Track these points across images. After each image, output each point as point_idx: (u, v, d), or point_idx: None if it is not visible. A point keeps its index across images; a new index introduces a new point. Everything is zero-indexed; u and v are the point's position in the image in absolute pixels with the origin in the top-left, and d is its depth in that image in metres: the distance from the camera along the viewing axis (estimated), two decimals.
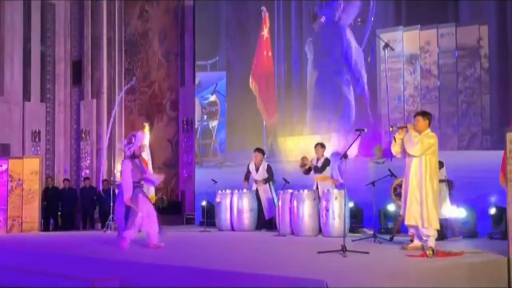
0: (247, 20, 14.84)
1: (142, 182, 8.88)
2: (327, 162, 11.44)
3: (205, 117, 15.89)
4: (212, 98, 15.72)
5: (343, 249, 7.36)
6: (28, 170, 12.70)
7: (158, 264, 7.05)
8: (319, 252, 7.59)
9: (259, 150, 12.49)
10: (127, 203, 8.45)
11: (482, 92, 11.14)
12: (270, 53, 14.17)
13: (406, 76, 11.93)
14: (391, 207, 11.03)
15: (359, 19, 12.67)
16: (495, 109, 11.02)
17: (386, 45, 12.14)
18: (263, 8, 14.26)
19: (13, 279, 7.69)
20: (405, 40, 11.98)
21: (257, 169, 12.25)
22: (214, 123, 15.56)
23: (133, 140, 8.75)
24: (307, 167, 11.46)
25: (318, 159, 11.51)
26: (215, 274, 6.32)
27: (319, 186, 11.27)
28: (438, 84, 11.65)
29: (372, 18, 12.46)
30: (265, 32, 14.19)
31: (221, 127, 15.45)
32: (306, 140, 13.16)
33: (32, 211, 12.34)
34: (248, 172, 12.39)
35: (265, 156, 12.53)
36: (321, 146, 11.60)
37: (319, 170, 11.37)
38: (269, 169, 12.27)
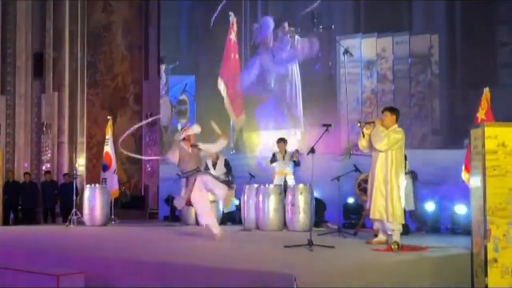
0: (214, 24, 15.21)
1: None
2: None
3: (175, 115, 16.14)
4: (182, 97, 15.96)
5: (310, 244, 7.41)
6: None
7: (123, 259, 7.00)
8: (285, 247, 7.62)
9: None
10: None
11: (432, 96, 11.86)
12: (237, 56, 14.63)
13: (364, 80, 12.55)
14: (354, 202, 11.14)
15: (321, 26, 13.25)
16: (444, 111, 11.72)
17: (346, 51, 12.68)
18: (231, 13, 14.66)
19: None
20: (363, 47, 12.59)
21: (214, 165, 12.26)
22: (183, 121, 15.70)
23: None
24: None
25: (287, 153, 11.56)
26: (183, 268, 6.31)
27: (287, 181, 11.34)
28: (392, 88, 12.36)
29: (333, 26, 13.17)
30: (233, 36, 14.61)
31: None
32: (271, 135, 13.23)
33: None
34: (207, 168, 12.40)
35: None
36: (283, 141, 11.68)
37: (299, 164, 11.44)
38: (227, 164, 12.31)
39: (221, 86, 14.78)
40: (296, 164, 11.46)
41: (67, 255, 7.53)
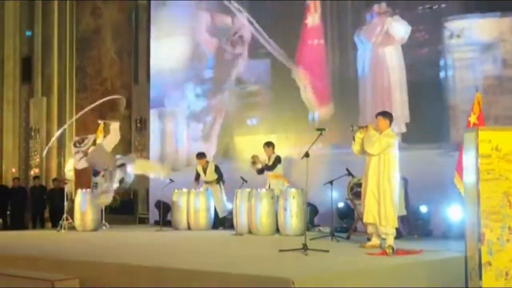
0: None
1: None
2: (277, 159, 11.57)
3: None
4: (254, 87, 14.16)
5: (305, 248, 7.43)
6: None
7: (118, 264, 6.98)
8: (280, 251, 7.63)
9: (200, 155, 12.61)
10: None
11: None
12: (321, 41, 13.06)
13: (480, 65, 11.03)
14: (346, 206, 11.17)
15: (427, 6, 11.69)
16: None
17: (454, 34, 11.32)
18: None
19: None
20: (479, 28, 11.12)
21: (204, 171, 12.31)
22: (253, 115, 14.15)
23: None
24: (258, 166, 11.58)
25: (269, 158, 11.63)
26: (180, 273, 6.30)
27: (271, 185, 11.37)
28: None
29: (443, 5, 11.55)
30: (310, 20, 13.19)
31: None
32: None
33: None
34: (198, 174, 12.44)
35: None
36: (267, 145, 11.72)
37: (270, 168, 11.49)
38: (217, 169, 12.38)
39: (298, 74, 13.23)
40: (267, 168, 11.52)
41: (60, 260, 7.49)
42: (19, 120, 19.30)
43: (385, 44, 12.19)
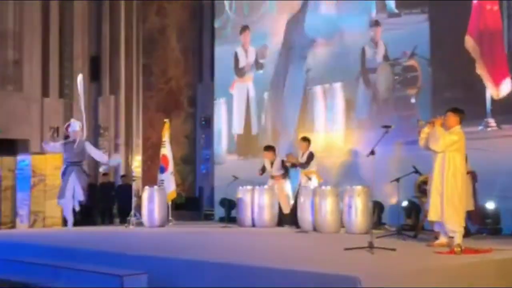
0: None
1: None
2: (311, 157, 11.50)
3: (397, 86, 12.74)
4: (409, 62, 12.42)
5: (371, 246, 7.37)
6: (51, 166, 12.73)
7: (185, 259, 7.07)
8: (346, 249, 7.58)
9: (268, 148, 12.55)
10: None
11: None
12: (496, 7, 11.22)
13: None
14: (413, 204, 11.02)
15: None
16: None
17: None
18: None
19: (41, 275, 7.74)
20: None
21: (271, 164, 12.31)
22: (412, 92, 12.38)
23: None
24: (291, 164, 11.57)
25: (302, 154, 11.59)
26: (246, 269, 6.34)
27: (302, 182, 11.38)
28: None
29: None
30: None
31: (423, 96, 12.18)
32: None
33: (55, 207, 12.36)
34: (264, 167, 12.44)
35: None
36: (303, 140, 11.69)
37: (303, 166, 11.47)
38: (283, 164, 12.27)
39: (470, 45, 11.37)
40: (300, 166, 11.52)
41: (129, 255, 7.64)
42: (88, 117, 19.74)
43: None
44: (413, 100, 12.30)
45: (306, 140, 11.71)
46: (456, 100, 10.49)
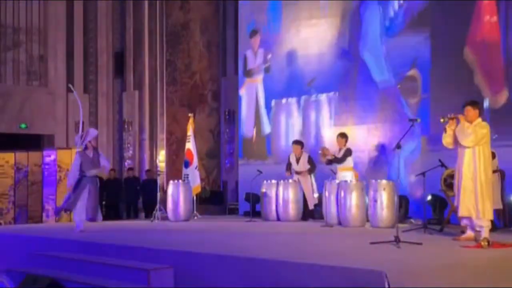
0: None
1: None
2: (348, 152, 11.54)
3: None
4: (410, 72, 12.74)
5: (397, 240, 7.34)
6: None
7: (211, 253, 7.09)
8: (371, 243, 7.56)
9: (297, 142, 12.55)
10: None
11: None
12: (494, 18, 11.46)
13: None
14: (439, 198, 10.94)
15: None
16: None
17: None
18: None
19: (67, 269, 7.82)
20: None
21: (297, 161, 12.28)
22: (413, 100, 12.62)
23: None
24: (327, 157, 11.55)
25: (340, 150, 11.59)
26: (273, 263, 6.34)
27: (339, 177, 11.34)
28: None
29: None
30: None
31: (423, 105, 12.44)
32: None
33: None
34: (290, 163, 12.42)
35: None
36: (341, 136, 11.69)
37: (339, 161, 11.48)
38: (310, 160, 12.29)
39: (469, 56, 11.72)
40: (336, 161, 11.56)
41: (156, 249, 7.68)
42: (113, 112, 19.91)
43: None
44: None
45: (344, 136, 11.74)
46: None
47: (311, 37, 14.63)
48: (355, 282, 5.51)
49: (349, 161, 11.58)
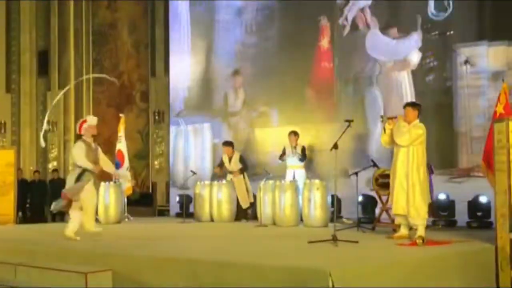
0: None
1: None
2: (305, 149, 11.77)
3: None
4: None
5: (334, 239, 7.45)
6: (3, 162, 12.42)
7: (149, 256, 7.00)
8: (309, 242, 7.64)
9: (228, 143, 12.65)
10: None
11: None
12: (331, 64, 13.09)
13: (491, 94, 10.79)
14: (368, 197, 11.17)
15: (436, 32, 11.74)
16: None
17: (466, 61, 11.35)
18: (323, 17, 13.19)
19: (2, 273, 7.58)
20: (489, 56, 11.14)
21: (230, 159, 12.34)
22: None
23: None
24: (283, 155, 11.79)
25: (295, 147, 11.70)
26: (211, 265, 6.29)
27: (295, 175, 11.43)
28: None
29: (450, 32, 11.62)
30: (325, 42, 13.16)
31: None
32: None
33: (8, 204, 12.08)
34: (222, 162, 12.45)
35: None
36: (294, 134, 11.82)
37: (303, 158, 11.60)
38: (241, 160, 12.38)
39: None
40: (300, 159, 11.67)
41: (91, 252, 7.53)
42: (36, 113, 19.38)
43: (399, 68, 12.28)
44: None
45: (296, 134, 11.86)
46: None
47: None
48: (299, 282, 5.55)
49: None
